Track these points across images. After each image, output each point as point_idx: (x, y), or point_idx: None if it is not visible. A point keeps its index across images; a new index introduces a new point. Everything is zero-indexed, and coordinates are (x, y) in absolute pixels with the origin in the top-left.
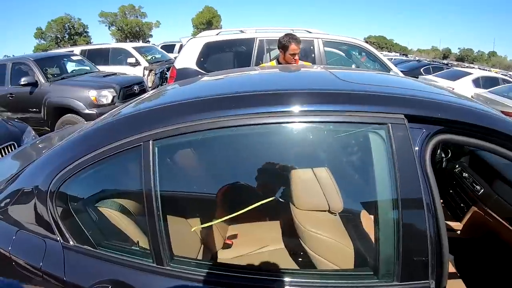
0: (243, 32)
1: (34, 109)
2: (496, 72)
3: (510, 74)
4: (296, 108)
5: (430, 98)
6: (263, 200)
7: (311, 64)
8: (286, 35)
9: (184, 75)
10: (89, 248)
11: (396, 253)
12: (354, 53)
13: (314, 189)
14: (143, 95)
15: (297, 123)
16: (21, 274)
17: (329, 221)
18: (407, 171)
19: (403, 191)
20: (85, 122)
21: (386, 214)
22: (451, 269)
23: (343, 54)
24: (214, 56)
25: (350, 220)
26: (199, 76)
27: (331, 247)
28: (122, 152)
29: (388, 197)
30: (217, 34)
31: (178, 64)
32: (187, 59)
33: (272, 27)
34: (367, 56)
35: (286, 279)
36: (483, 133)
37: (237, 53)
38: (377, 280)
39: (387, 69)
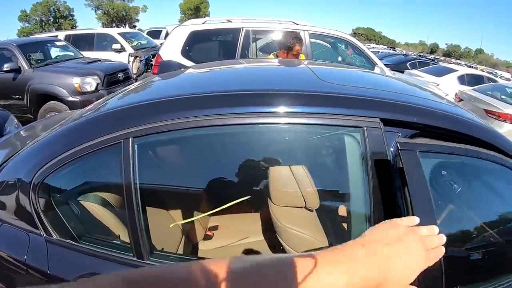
0: (230, 21)
1: (17, 96)
2: (482, 70)
3: (495, 73)
4: (273, 109)
5: (407, 102)
6: (240, 196)
7: (304, 57)
8: (290, 36)
9: (166, 67)
10: (71, 242)
11: None
12: (340, 45)
13: (290, 187)
14: (127, 87)
15: (276, 124)
16: (6, 268)
17: (306, 218)
18: (381, 173)
19: (377, 192)
20: (69, 111)
21: (359, 214)
22: None
23: (329, 46)
24: (200, 45)
25: (326, 217)
26: (182, 69)
27: (305, 242)
28: (103, 148)
29: (361, 197)
30: (203, 23)
31: (163, 52)
32: (172, 47)
33: (258, 18)
34: (352, 49)
35: None
36: (459, 138)
37: (222, 43)
38: None
39: (372, 63)
